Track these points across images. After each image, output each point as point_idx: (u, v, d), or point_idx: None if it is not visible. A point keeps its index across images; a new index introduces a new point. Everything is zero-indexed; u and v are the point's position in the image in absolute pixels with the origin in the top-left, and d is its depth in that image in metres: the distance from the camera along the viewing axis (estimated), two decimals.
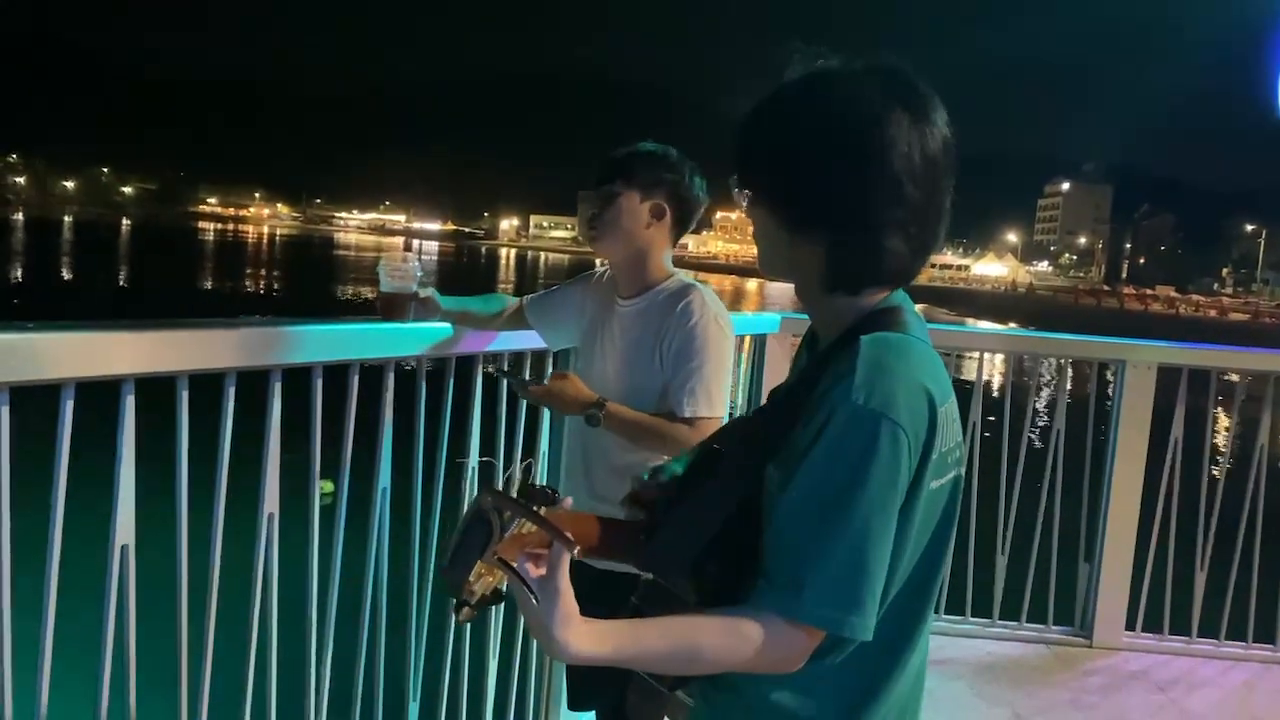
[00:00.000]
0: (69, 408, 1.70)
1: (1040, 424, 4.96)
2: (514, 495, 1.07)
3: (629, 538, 1.27)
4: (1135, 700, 3.82)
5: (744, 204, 1.25)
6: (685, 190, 2.31)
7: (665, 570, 1.20)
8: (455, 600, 1.06)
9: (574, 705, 2.56)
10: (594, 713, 2.45)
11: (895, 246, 1.18)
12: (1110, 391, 4.27)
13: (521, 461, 2.76)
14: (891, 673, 1.19)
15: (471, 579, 1.05)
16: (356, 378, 2.26)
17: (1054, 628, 4.25)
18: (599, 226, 2.29)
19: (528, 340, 2.61)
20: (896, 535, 1.11)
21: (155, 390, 1.84)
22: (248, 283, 47.34)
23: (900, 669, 1.20)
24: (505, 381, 2.54)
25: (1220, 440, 4.95)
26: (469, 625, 2.67)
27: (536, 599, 1.03)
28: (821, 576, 1.08)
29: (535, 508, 1.06)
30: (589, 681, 2.37)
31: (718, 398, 2.19)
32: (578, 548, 1.03)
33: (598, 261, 2.49)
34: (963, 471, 1.22)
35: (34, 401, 1.70)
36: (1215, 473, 4.24)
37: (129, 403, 1.78)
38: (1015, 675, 3.95)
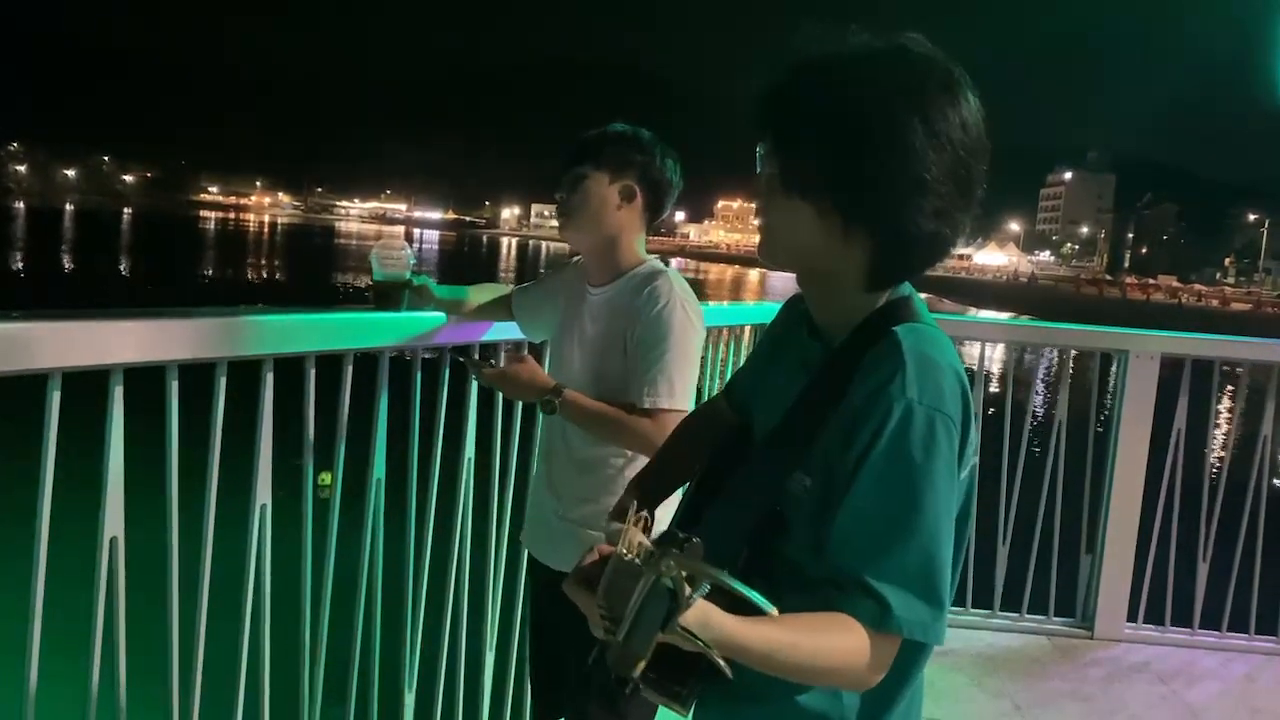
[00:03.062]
0: (56, 398, 1.67)
1: (1039, 413, 4.93)
2: (698, 560, 0.92)
3: None
4: (1137, 692, 3.80)
5: (776, 185, 1.16)
6: (657, 172, 2.20)
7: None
8: (620, 679, 0.94)
9: (543, 717, 2.52)
10: None
11: (946, 240, 1.14)
12: (1113, 382, 4.24)
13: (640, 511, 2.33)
14: (914, 668, 1.17)
15: (646, 654, 0.91)
16: (350, 367, 2.23)
17: (1055, 619, 4.22)
18: (567, 211, 2.21)
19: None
20: None
21: (145, 380, 1.81)
22: (249, 272, 47.31)
23: (921, 664, 1.18)
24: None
25: (1223, 431, 4.92)
26: (465, 614, 2.65)
27: (729, 678, 0.94)
28: (902, 581, 1.04)
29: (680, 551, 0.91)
30: (555, 691, 2.34)
31: (680, 389, 2.07)
32: (775, 610, 0.93)
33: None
34: (977, 461, 1.19)
35: (20, 392, 1.67)
36: (1217, 463, 4.21)
37: (117, 393, 1.75)
38: (1016, 667, 3.93)
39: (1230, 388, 4.76)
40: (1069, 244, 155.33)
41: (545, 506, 2.29)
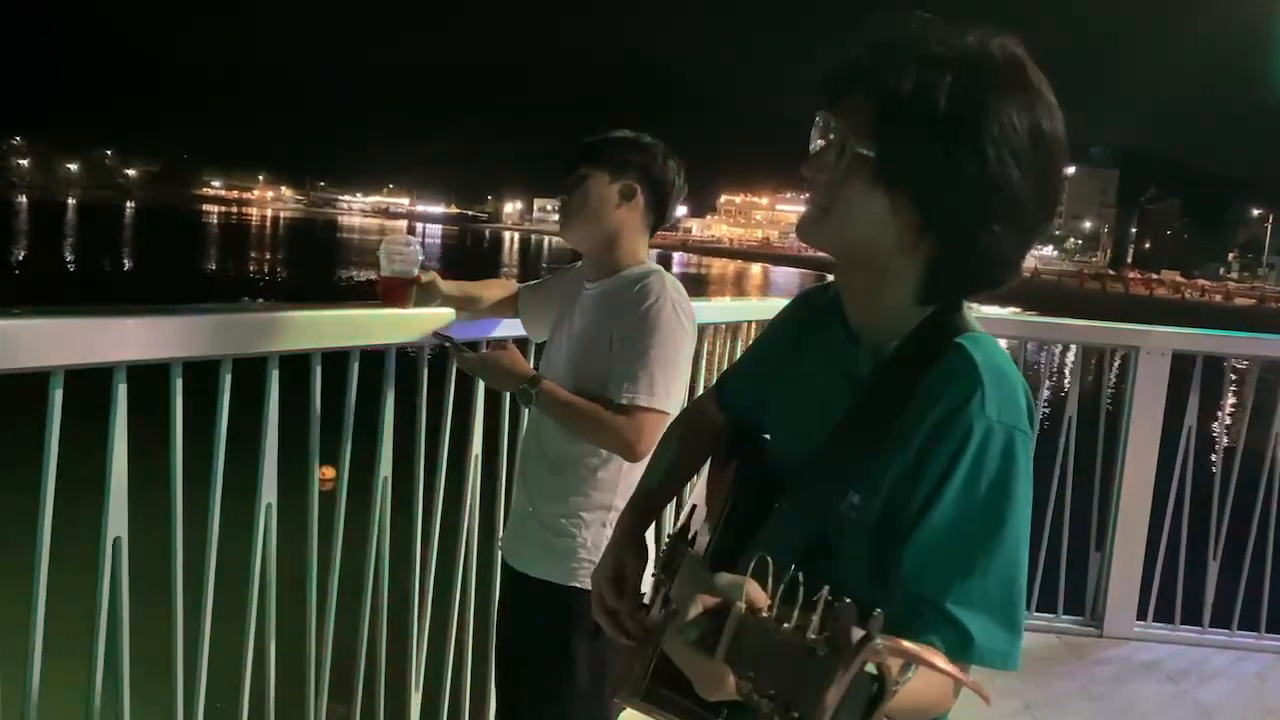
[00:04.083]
0: (58, 396, 1.64)
1: (1047, 410, 4.90)
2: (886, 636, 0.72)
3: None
4: (1147, 691, 3.78)
5: (858, 167, 1.05)
6: (658, 171, 2.17)
7: None
8: None
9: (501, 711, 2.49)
10: None
11: (1011, 264, 1.09)
12: (1116, 377, 4.21)
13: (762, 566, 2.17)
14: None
15: None
16: (357, 364, 2.20)
17: (1064, 617, 4.19)
18: (569, 211, 2.19)
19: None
20: None
21: (148, 378, 1.78)
22: (251, 266, 47.32)
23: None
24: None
25: (1233, 428, 4.88)
26: (471, 611, 2.63)
27: None
28: (983, 609, 1.00)
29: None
30: (513, 687, 2.32)
31: (662, 389, 2.00)
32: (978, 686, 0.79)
33: None
34: None
35: (22, 390, 1.64)
36: (1227, 461, 4.18)
37: (121, 391, 1.73)
38: (1025, 665, 3.80)
39: (1234, 384, 4.72)
40: (1072, 239, 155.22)
41: (518, 504, 2.28)
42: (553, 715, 2.14)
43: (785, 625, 0.75)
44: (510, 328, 2.52)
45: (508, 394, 2.64)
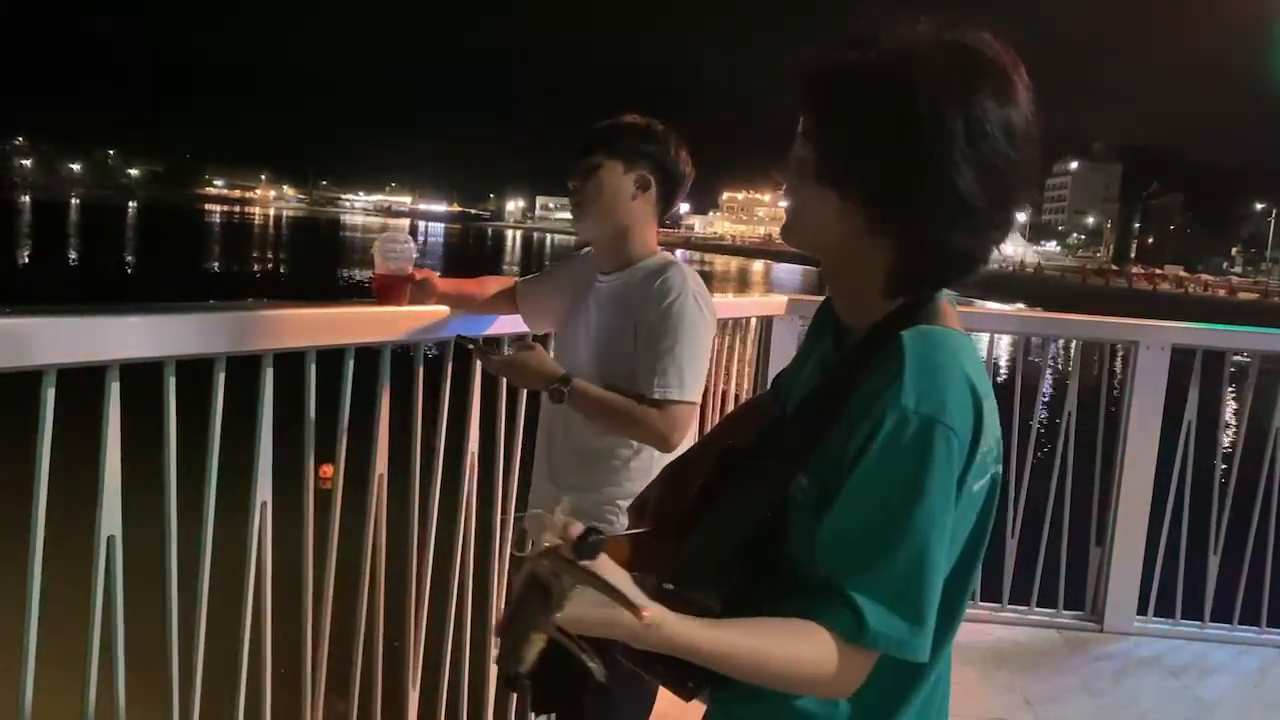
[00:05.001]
0: (50, 395, 1.64)
1: (1048, 404, 4.90)
2: (571, 554, 0.93)
3: (648, 551, 1.20)
4: (1147, 686, 3.77)
5: (807, 169, 1.10)
6: (670, 163, 2.18)
7: (693, 580, 1.11)
8: (508, 674, 0.95)
9: (537, 708, 2.49)
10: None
11: (975, 259, 1.10)
12: (1119, 371, 4.21)
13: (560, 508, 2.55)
14: (919, 680, 1.13)
15: (525, 652, 0.94)
16: (352, 362, 2.20)
17: (1065, 612, 4.20)
18: (581, 201, 2.18)
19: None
20: None
21: (142, 376, 1.78)
22: (254, 265, 47.35)
23: (928, 675, 1.13)
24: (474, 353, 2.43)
25: (1234, 422, 4.88)
26: (469, 610, 2.63)
27: (602, 676, 0.93)
28: (882, 595, 1.01)
29: (589, 562, 0.93)
30: (547, 682, 2.31)
31: (690, 381, 2.06)
32: (648, 612, 0.93)
33: None
34: (1000, 470, 1.13)
35: (14, 389, 1.64)
36: (1228, 456, 4.18)
37: (114, 389, 1.73)
38: (1026, 660, 3.90)
39: (1233, 376, 4.71)
40: (1075, 234, 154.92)
41: (543, 492, 2.28)
42: (597, 698, 2.11)
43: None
44: (506, 324, 2.52)
45: (505, 392, 2.65)
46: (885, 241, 1.09)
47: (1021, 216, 1.22)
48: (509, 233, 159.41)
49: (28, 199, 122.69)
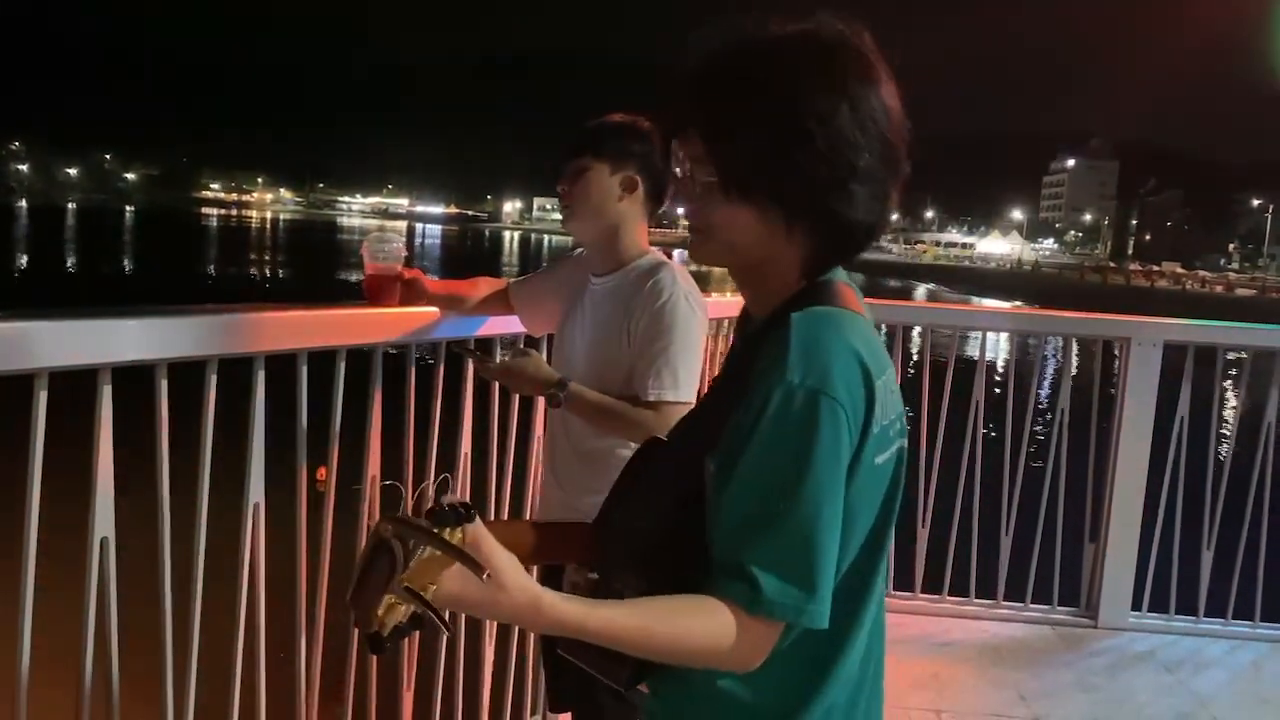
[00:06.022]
0: (43, 398, 1.65)
1: (1043, 401, 4.91)
2: (420, 518, 0.97)
3: (571, 538, 1.22)
4: (1142, 681, 3.78)
5: (713, 189, 1.14)
6: (657, 160, 2.19)
7: (613, 568, 1.15)
8: (366, 636, 0.99)
9: (554, 707, 2.51)
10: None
11: (878, 227, 1.17)
12: (1116, 369, 4.22)
13: (437, 479, 2.68)
14: (838, 655, 1.15)
15: (381, 612, 0.97)
16: (343, 364, 2.21)
17: (1059, 608, 4.20)
18: (570, 203, 2.20)
19: (520, 324, 2.55)
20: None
21: (134, 379, 1.79)
22: (251, 268, 47.34)
23: (847, 650, 1.16)
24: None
25: (1227, 417, 4.89)
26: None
27: (448, 631, 0.98)
28: (776, 564, 1.04)
29: (442, 530, 0.96)
30: (569, 682, 2.32)
31: (685, 381, 2.08)
32: (487, 572, 0.96)
33: None
34: (905, 443, 1.18)
35: (7, 393, 1.65)
36: (1221, 450, 4.19)
37: (106, 392, 1.74)
38: (1020, 656, 3.91)
39: (1234, 372, 4.73)
40: (1072, 232, 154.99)
41: (552, 496, 2.30)
42: (616, 697, 2.12)
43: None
44: (498, 324, 2.53)
45: (498, 394, 2.66)
46: (801, 232, 1.15)
47: (1019, 214, 1.26)
48: (507, 234, 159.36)
49: (24, 204, 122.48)
